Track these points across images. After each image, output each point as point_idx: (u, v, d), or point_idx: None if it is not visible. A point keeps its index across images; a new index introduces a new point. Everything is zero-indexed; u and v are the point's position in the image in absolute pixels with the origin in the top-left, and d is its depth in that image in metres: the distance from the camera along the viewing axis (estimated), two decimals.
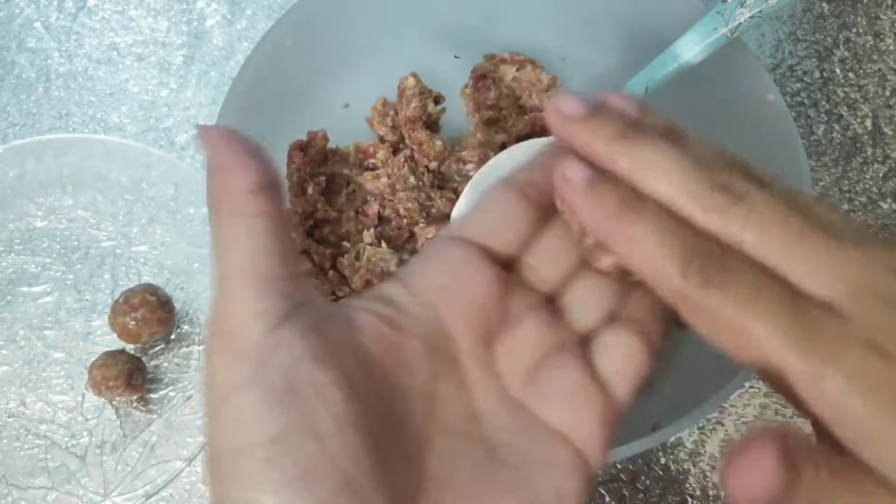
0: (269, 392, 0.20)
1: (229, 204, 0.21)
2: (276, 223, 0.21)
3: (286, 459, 0.19)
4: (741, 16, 0.40)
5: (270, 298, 0.21)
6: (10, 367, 0.48)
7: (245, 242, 0.21)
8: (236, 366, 0.20)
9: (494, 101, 0.49)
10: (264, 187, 0.21)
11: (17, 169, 0.51)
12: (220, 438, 0.20)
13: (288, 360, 0.20)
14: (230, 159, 0.21)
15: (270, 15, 0.58)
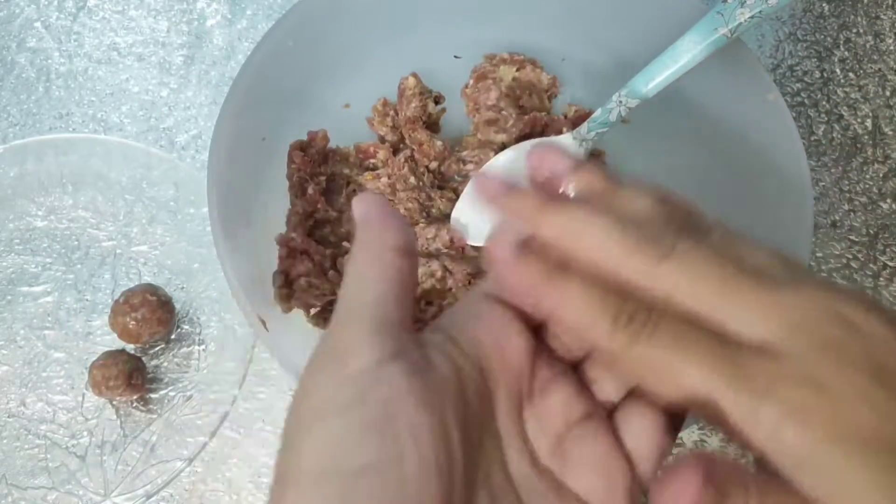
0: (368, 422, 0.20)
1: (371, 251, 0.24)
2: (406, 279, 0.24)
3: (367, 492, 0.19)
4: (741, 16, 0.40)
5: (385, 336, 0.22)
6: (10, 367, 0.48)
7: (374, 285, 0.23)
8: (340, 388, 0.21)
9: (494, 101, 0.49)
10: (405, 249, 0.24)
11: (17, 169, 0.51)
12: (307, 455, 0.20)
13: (391, 395, 0.21)
14: (383, 219, 0.24)
15: (270, 15, 0.58)
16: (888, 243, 0.53)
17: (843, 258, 0.53)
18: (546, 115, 0.49)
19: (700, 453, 0.21)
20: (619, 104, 0.44)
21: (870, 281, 0.52)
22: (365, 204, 0.25)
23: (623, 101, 0.43)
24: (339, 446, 0.20)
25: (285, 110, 0.47)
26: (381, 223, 0.24)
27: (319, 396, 0.21)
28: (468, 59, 0.50)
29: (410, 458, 0.20)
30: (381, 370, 0.21)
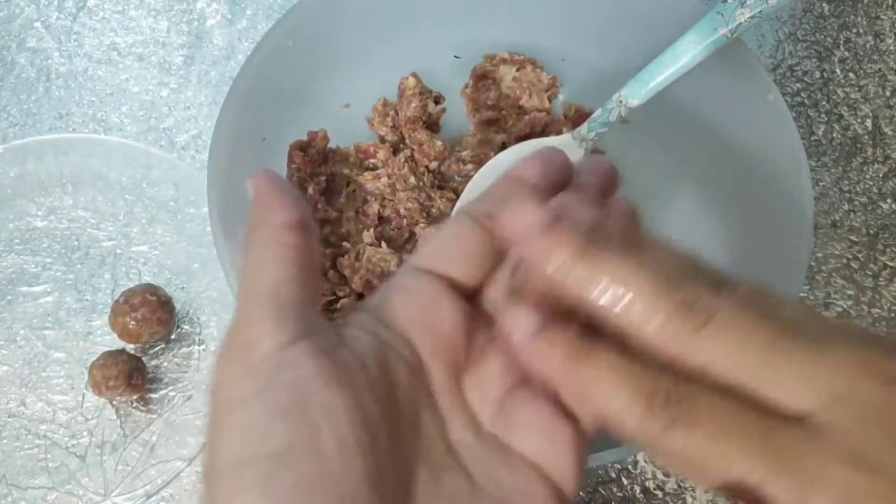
0: (276, 406, 0.20)
1: (264, 232, 0.23)
2: (304, 256, 0.23)
3: (287, 476, 0.19)
4: (741, 16, 0.40)
5: (286, 319, 0.22)
6: (10, 367, 0.48)
7: (271, 268, 0.22)
8: (246, 378, 0.21)
9: (494, 101, 0.49)
10: (298, 224, 0.23)
11: (17, 169, 0.51)
12: (222, 448, 0.20)
13: (297, 377, 0.20)
14: (272, 196, 0.24)
15: (271, 15, 0.58)
16: (888, 243, 0.53)
17: (843, 258, 0.53)
18: (546, 115, 0.49)
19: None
20: (619, 104, 0.44)
21: (870, 281, 0.52)
22: (255, 183, 0.24)
23: (623, 101, 0.43)
24: (251, 434, 0.20)
25: (285, 110, 0.47)
26: (271, 201, 0.23)
27: (229, 388, 0.21)
28: (468, 59, 0.50)
29: (327, 438, 0.20)
30: (285, 354, 0.21)
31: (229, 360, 0.22)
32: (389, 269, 0.42)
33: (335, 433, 0.20)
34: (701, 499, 0.46)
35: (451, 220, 0.26)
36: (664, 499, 0.46)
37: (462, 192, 0.47)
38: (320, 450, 0.19)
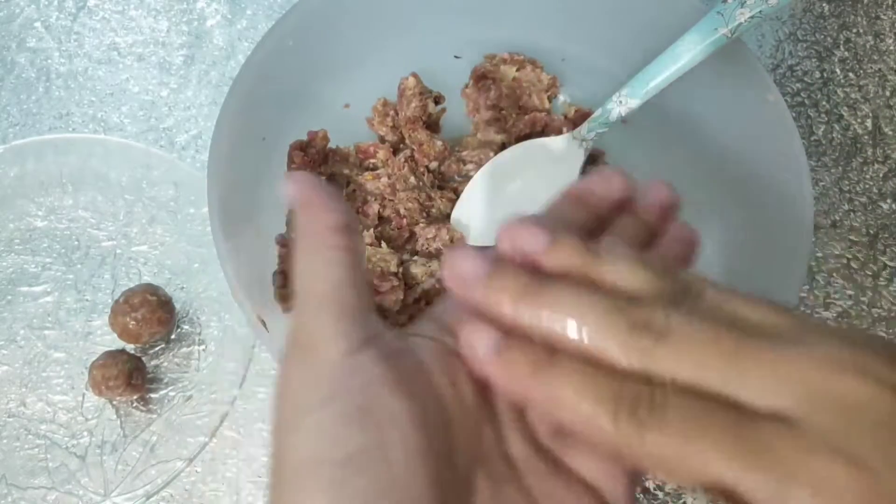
0: (346, 412, 0.20)
1: (315, 236, 0.23)
2: (354, 258, 0.23)
3: (358, 479, 0.20)
4: (741, 16, 0.40)
5: (350, 323, 0.22)
6: (10, 367, 0.48)
7: (327, 272, 0.23)
8: (315, 384, 0.21)
9: (494, 101, 0.49)
10: (346, 226, 0.23)
11: (18, 169, 0.51)
12: (293, 451, 0.21)
13: (365, 383, 0.21)
14: (318, 199, 0.24)
15: (270, 15, 0.58)
16: (888, 243, 0.53)
17: (843, 258, 0.53)
18: (546, 115, 0.49)
19: None
20: (619, 104, 0.44)
21: (870, 281, 0.52)
22: (296, 185, 0.24)
23: (623, 101, 0.43)
24: (323, 439, 0.20)
25: (285, 110, 0.47)
26: (317, 203, 0.23)
27: (298, 394, 0.21)
28: (468, 59, 0.50)
29: (394, 444, 0.20)
30: (352, 360, 0.21)
31: (296, 365, 0.22)
32: (389, 269, 0.42)
33: (402, 439, 0.20)
34: (701, 499, 0.46)
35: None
36: (664, 499, 0.46)
37: (462, 192, 0.47)
38: (388, 456, 0.20)
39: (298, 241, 0.23)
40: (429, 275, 0.43)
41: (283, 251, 0.43)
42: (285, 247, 0.43)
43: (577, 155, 0.46)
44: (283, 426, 0.21)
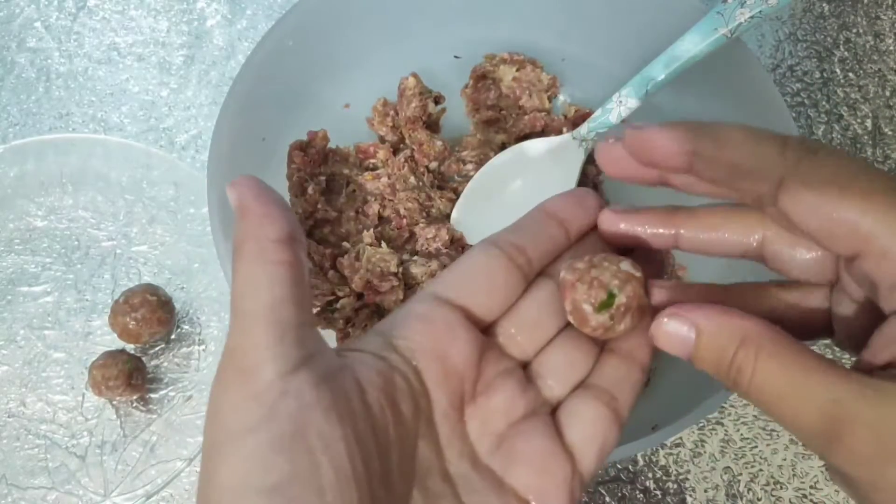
0: (278, 438, 0.20)
1: (254, 248, 0.22)
2: (297, 272, 0.22)
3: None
4: (741, 16, 0.40)
5: (287, 344, 0.21)
6: (10, 367, 0.48)
7: (267, 287, 0.21)
8: (247, 405, 0.20)
9: (494, 101, 0.49)
10: (288, 238, 0.22)
11: (17, 169, 0.51)
12: (222, 477, 0.20)
13: (298, 407, 0.20)
14: (259, 208, 0.22)
15: (270, 15, 0.58)
16: None
17: None
18: (546, 115, 0.49)
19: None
20: (619, 104, 0.44)
21: None
22: (238, 189, 0.23)
23: (623, 101, 0.43)
24: (252, 465, 0.20)
25: (285, 110, 0.47)
26: (259, 213, 0.22)
27: (228, 416, 0.21)
28: (468, 59, 0.50)
29: (325, 470, 0.20)
30: (286, 382, 0.21)
31: (228, 385, 0.21)
32: (389, 269, 0.42)
33: (333, 464, 0.20)
34: (701, 498, 0.46)
35: (477, 249, 0.26)
36: (664, 499, 0.46)
37: (462, 192, 0.47)
38: (320, 483, 0.20)
39: (236, 252, 0.22)
40: (429, 275, 0.43)
41: None
42: None
43: (577, 155, 0.46)
44: (212, 449, 0.21)
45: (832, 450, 0.20)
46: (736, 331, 0.21)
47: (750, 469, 0.47)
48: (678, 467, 0.47)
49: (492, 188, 0.47)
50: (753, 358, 0.21)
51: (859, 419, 0.19)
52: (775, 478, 0.47)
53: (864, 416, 0.19)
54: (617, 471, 0.47)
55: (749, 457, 0.47)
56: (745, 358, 0.21)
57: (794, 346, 0.21)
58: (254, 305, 0.21)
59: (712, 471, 0.47)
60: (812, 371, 0.20)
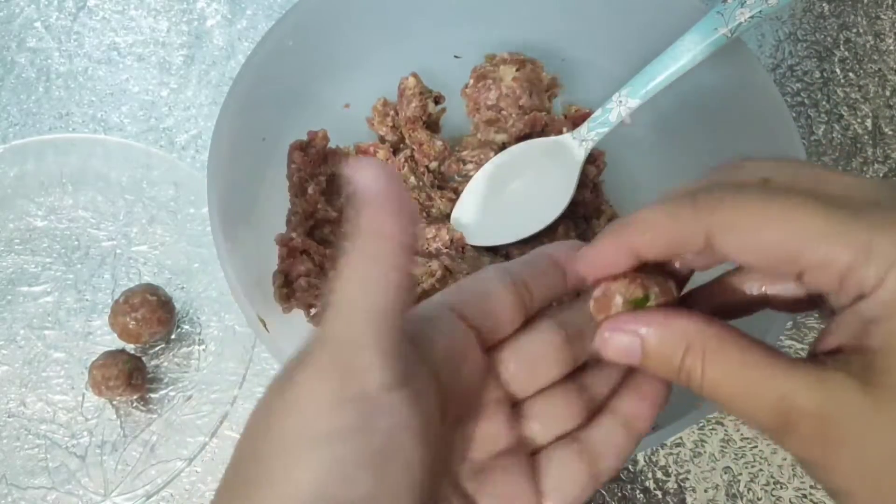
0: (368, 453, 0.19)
1: (380, 247, 0.20)
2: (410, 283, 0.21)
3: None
4: (741, 16, 0.40)
5: (396, 357, 0.20)
6: (10, 367, 0.48)
7: (384, 292, 0.20)
8: (343, 409, 0.20)
9: (494, 101, 0.49)
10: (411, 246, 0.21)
11: (17, 169, 0.51)
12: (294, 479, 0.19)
13: (393, 426, 0.20)
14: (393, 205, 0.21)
15: (270, 15, 0.58)
16: None
17: None
18: (546, 115, 0.49)
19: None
20: (619, 104, 0.44)
21: None
22: (373, 176, 0.21)
23: (623, 101, 0.43)
24: (334, 475, 0.19)
25: (285, 110, 0.47)
26: (393, 209, 0.21)
27: (315, 414, 0.19)
28: (468, 59, 0.50)
29: (405, 494, 0.20)
30: (388, 396, 0.20)
31: (324, 378, 0.20)
32: None
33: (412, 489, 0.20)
34: (701, 498, 0.46)
35: (493, 275, 0.25)
36: (664, 499, 0.46)
37: (462, 192, 0.47)
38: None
39: (359, 242, 0.20)
40: (429, 275, 0.43)
41: (284, 251, 0.43)
42: (285, 247, 0.43)
43: (577, 155, 0.46)
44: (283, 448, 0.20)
45: (787, 440, 0.21)
46: (680, 336, 0.22)
47: (750, 469, 0.47)
48: (678, 467, 0.47)
49: (492, 188, 0.47)
50: (700, 361, 0.21)
51: (805, 410, 0.20)
52: (775, 478, 0.47)
53: (809, 408, 0.20)
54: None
55: (749, 457, 0.47)
56: (693, 362, 0.21)
57: (738, 343, 0.21)
58: (369, 306, 0.20)
59: (712, 471, 0.47)
60: (758, 368, 0.21)
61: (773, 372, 0.20)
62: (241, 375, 0.46)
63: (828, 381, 0.20)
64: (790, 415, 0.20)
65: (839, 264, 0.20)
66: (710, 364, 0.21)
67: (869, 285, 0.20)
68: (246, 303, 0.38)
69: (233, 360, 0.47)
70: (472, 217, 0.47)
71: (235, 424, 0.47)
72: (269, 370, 0.48)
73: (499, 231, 0.46)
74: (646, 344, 0.22)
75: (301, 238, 0.44)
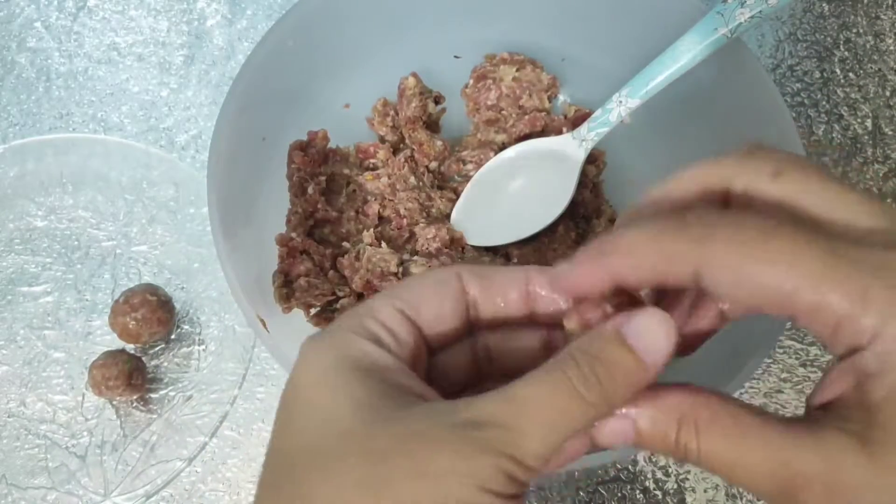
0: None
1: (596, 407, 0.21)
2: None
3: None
4: (741, 16, 0.40)
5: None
6: (10, 367, 0.48)
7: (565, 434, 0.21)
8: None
9: (494, 101, 0.49)
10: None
11: (17, 169, 0.51)
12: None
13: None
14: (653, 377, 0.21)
15: (270, 15, 0.58)
16: None
17: None
18: (546, 115, 0.49)
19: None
20: (619, 104, 0.44)
21: None
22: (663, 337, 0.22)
23: (623, 101, 0.43)
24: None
25: (285, 110, 0.47)
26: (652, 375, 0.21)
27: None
28: (468, 59, 0.50)
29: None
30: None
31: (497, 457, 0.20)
32: (389, 269, 0.42)
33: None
34: (701, 498, 0.46)
35: (440, 273, 0.25)
36: (664, 499, 0.46)
37: (462, 192, 0.47)
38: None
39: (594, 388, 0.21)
40: None
41: (283, 251, 0.43)
42: (285, 247, 0.43)
43: (577, 155, 0.46)
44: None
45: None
46: (671, 413, 0.21)
47: None
48: (678, 467, 0.47)
49: (492, 188, 0.47)
50: (695, 435, 0.21)
51: (810, 475, 0.19)
52: None
53: (814, 471, 0.19)
54: (617, 471, 0.47)
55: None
56: (688, 437, 0.21)
57: (729, 410, 0.21)
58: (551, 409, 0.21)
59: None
60: (753, 436, 0.20)
61: (769, 438, 0.20)
62: (240, 375, 0.46)
63: (827, 442, 0.20)
64: (793, 480, 0.20)
65: (834, 312, 0.19)
66: (705, 437, 0.21)
67: (867, 336, 0.19)
68: (246, 303, 0.38)
69: (233, 360, 0.47)
70: (472, 217, 0.47)
71: (235, 424, 0.47)
72: (269, 370, 0.48)
73: (499, 231, 0.46)
74: (638, 425, 0.22)
75: (301, 238, 0.44)
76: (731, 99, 0.45)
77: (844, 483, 0.19)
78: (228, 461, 0.46)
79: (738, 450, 0.20)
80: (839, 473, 0.19)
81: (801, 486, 0.20)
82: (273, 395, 0.47)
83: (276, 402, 0.24)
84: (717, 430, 0.21)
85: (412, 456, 0.20)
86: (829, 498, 0.19)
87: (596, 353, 0.21)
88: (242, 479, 0.46)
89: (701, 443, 0.21)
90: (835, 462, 0.19)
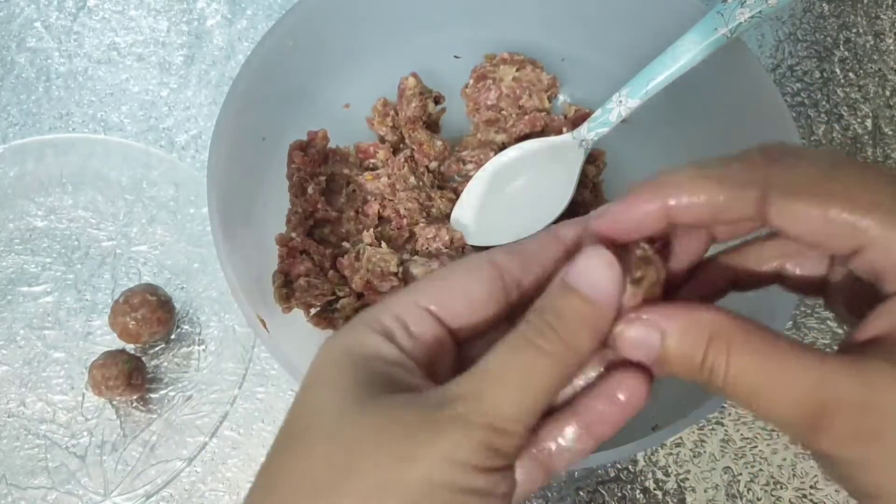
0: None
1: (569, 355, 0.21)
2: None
3: None
4: (741, 16, 0.40)
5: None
6: (10, 367, 0.48)
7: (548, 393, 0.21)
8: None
9: (494, 101, 0.49)
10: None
11: (17, 169, 0.51)
12: None
13: None
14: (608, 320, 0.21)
15: (270, 15, 0.58)
16: None
17: None
18: (546, 115, 0.49)
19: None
20: (619, 104, 0.44)
21: None
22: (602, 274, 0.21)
23: (623, 101, 0.43)
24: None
25: (285, 110, 0.47)
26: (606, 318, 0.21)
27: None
28: (468, 59, 0.50)
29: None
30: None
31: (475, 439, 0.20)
32: (389, 269, 0.42)
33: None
34: (701, 498, 0.46)
35: (465, 265, 0.24)
36: (664, 499, 0.46)
37: (462, 192, 0.47)
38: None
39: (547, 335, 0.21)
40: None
41: (283, 251, 0.43)
42: (285, 246, 0.43)
43: (577, 155, 0.46)
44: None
45: (817, 434, 0.19)
46: (703, 328, 0.20)
47: (750, 469, 0.47)
48: (678, 467, 0.47)
49: (492, 188, 0.47)
50: (725, 354, 0.20)
51: (844, 399, 0.19)
52: (775, 478, 0.47)
53: (849, 395, 0.19)
54: (617, 471, 0.47)
55: (749, 457, 0.47)
56: (717, 356, 0.20)
57: (766, 334, 0.20)
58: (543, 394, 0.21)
59: (712, 471, 0.47)
60: (788, 358, 0.19)
61: (805, 361, 0.19)
62: (240, 375, 0.46)
63: (868, 370, 0.19)
64: (827, 406, 0.19)
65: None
66: (736, 356, 0.20)
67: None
68: (246, 303, 0.38)
69: (232, 361, 0.47)
70: (472, 217, 0.47)
71: (235, 424, 0.47)
72: (269, 370, 0.48)
73: (499, 231, 0.46)
74: (667, 338, 0.21)
75: (301, 238, 0.44)
76: (731, 99, 0.45)
77: (880, 407, 0.19)
78: (228, 461, 0.46)
79: (770, 370, 0.20)
80: (876, 397, 0.19)
81: (833, 411, 0.19)
82: (273, 395, 0.47)
83: (275, 402, 0.24)
84: (751, 349, 0.20)
85: (385, 442, 0.20)
86: (861, 421, 0.19)
87: (544, 304, 0.21)
88: (242, 479, 0.46)
89: (731, 362, 0.20)
90: (873, 385, 0.19)
